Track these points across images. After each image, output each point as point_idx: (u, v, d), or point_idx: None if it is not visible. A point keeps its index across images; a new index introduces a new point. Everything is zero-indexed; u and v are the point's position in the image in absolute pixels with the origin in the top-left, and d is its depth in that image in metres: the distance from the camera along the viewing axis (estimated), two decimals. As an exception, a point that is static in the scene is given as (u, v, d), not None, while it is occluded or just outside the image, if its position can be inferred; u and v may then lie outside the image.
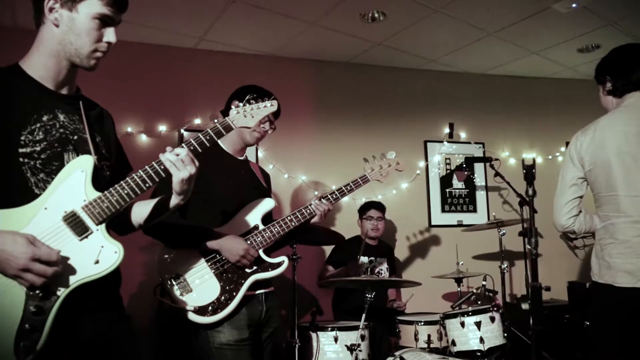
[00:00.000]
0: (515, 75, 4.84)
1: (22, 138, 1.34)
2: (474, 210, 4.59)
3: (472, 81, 4.77)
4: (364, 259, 3.74)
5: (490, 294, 3.09)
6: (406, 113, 4.54)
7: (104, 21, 1.42)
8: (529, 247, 1.69)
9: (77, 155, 1.42)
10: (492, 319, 2.92)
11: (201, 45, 4.00)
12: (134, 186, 1.42)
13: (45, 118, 1.40)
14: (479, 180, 4.66)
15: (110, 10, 1.41)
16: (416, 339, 3.10)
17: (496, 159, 4.07)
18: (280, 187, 4.12)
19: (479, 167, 4.67)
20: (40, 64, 1.43)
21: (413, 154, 4.54)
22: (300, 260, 2.84)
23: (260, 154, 4.12)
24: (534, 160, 1.82)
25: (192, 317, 1.91)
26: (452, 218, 4.53)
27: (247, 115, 1.63)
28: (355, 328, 2.87)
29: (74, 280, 1.28)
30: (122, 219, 1.62)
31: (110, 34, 1.44)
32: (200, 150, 1.51)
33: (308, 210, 2.17)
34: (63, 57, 1.42)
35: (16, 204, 1.31)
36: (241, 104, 1.65)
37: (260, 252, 2.06)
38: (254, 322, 2.03)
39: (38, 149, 1.36)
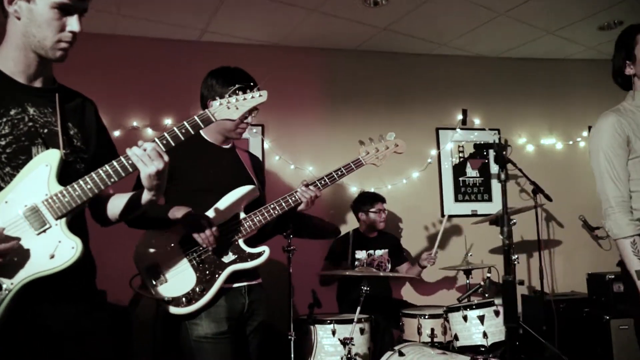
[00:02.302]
0: (531, 58, 4.66)
1: None
2: (489, 200, 4.48)
3: (485, 65, 4.62)
4: (361, 254, 3.71)
5: (495, 287, 3.01)
6: (416, 100, 4.46)
7: (64, 10, 1.40)
8: (501, 237, 1.63)
9: (46, 149, 1.43)
10: (497, 313, 2.85)
11: (205, 38, 4.03)
12: (98, 181, 1.42)
13: (13, 112, 1.42)
14: (494, 167, 4.53)
15: None
16: (419, 333, 3.06)
17: (507, 145, 3.93)
18: (287, 178, 4.13)
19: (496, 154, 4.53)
20: (9, 58, 1.45)
21: (424, 142, 4.45)
22: (295, 252, 2.83)
23: (266, 146, 4.13)
24: (505, 141, 1.75)
25: (167, 307, 1.92)
26: (466, 208, 4.43)
27: (230, 107, 1.59)
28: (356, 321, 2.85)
29: (27, 274, 1.31)
30: (100, 211, 1.65)
31: (73, 23, 1.42)
32: (173, 144, 1.50)
33: (293, 198, 2.13)
34: (29, 49, 1.43)
35: None
36: (226, 95, 1.61)
37: (241, 241, 2.04)
38: (234, 315, 2.02)
39: (3, 143, 1.39)
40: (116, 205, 1.62)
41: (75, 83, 3.91)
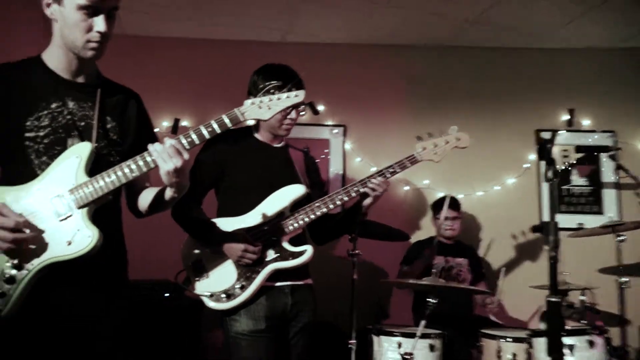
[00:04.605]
0: (660, 47, 3.95)
1: (28, 124, 1.46)
2: (599, 212, 3.87)
3: (597, 58, 4.01)
4: (438, 259, 3.43)
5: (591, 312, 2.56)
6: (512, 99, 4.01)
7: (89, 11, 1.43)
8: (547, 247, 1.33)
9: (81, 141, 1.49)
10: (591, 344, 2.41)
11: (288, 38, 4.02)
12: (121, 174, 1.44)
13: (53, 105, 1.49)
14: (608, 175, 3.91)
15: (90, 0, 1.41)
16: (499, 357, 2.70)
17: (618, 148, 3.36)
18: (369, 181, 3.96)
19: (608, 160, 3.92)
20: (54, 56, 1.53)
21: (521, 145, 3.99)
22: (359, 256, 2.66)
23: (347, 147, 4.01)
24: (553, 133, 1.43)
25: (208, 302, 1.93)
26: (570, 220, 3.86)
27: (262, 107, 1.53)
28: (425, 336, 2.60)
29: (45, 258, 1.36)
30: (133, 202, 1.67)
31: (99, 23, 1.45)
32: (198, 142, 1.48)
33: (340, 196, 2.05)
34: (67, 49, 1.50)
35: (20, 183, 1.43)
36: (260, 94, 1.56)
37: (284, 240, 1.99)
38: (274, 314, 1.96)
39: (42, 134, 1.46)
40: (146, 198, 1.63)
41: (161, 87, 4.09)
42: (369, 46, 4.07)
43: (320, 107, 3.95)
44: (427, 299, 2.50)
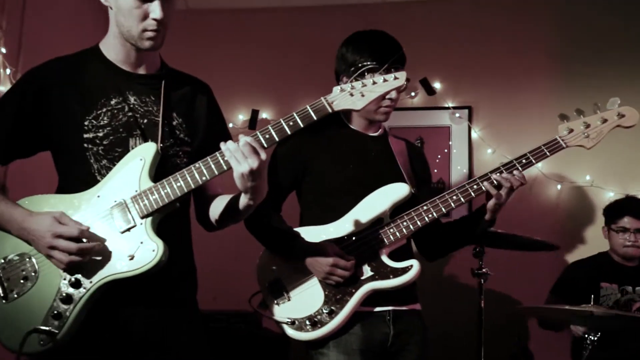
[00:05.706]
0: None
1: (86, 123, 1.65)
2: None
3: None
4: (610, 289, 3.25)
5: None
6: None
7: None
8: None
9: (145, 141, 1.65)
10: None
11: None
12: (189, 179, 1.57)
13: (113, 102, 1.68)
14: None
15: None
16: None
17: None
18: (506, 178, 3.88)
19: None
20: (112, 46, 1.72)
21: None
22: (489, 277, 2.61)
23: (474, 135, 3.97)
24: None
25: (289, 331, 2.00)
26: None
27: (354, 95, 1.60)
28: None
29: (105, 275, 1.53)
30: (203, 212, 1.81)
31: (155, 9, 1.59)
32: (278, 138, 1.57)
33: (455, 197, 2.03)
34: (124, 38, 1.67)
35: (80, 190, 1.62)
36: (351, 79, 1.65)
37: (383, 254, 2.03)
38: (372, 347, 2.00)
39: (101, 134, 1.65)
40: (217, 207, 1.75)
41: (235, 73, 4.28)
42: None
43: (437, 85, 3.95)
44: (585, 334, 2.40)
